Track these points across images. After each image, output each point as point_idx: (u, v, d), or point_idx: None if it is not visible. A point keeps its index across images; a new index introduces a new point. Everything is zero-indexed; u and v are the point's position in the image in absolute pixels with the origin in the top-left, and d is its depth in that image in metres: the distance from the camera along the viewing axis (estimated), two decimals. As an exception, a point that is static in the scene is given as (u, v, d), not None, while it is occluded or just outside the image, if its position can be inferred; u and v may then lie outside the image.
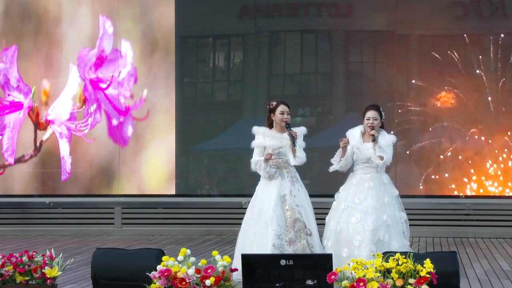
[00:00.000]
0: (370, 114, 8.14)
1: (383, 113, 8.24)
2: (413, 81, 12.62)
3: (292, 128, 8.21)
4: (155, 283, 6.17)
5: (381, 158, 8.02)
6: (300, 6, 12.87)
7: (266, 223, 8.06)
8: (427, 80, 12.60)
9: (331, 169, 8.31)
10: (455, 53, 12.54)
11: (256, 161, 8.25)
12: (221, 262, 6.25)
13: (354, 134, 8.22)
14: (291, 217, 8.06)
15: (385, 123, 12.23)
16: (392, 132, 12.36)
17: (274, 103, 8.29)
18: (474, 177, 12.50)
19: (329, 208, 8.34)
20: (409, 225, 8.26)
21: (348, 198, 8.08)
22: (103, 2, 12.88)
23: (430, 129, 12.58)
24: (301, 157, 8.18)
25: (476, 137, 12.49)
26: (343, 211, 8.04)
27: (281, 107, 8.23)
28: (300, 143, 8.26)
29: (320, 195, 10.55)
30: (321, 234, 8.27)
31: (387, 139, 8.16)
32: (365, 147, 8.08)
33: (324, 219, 8.30)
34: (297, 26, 12.92)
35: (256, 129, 8.32)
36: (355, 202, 8.02)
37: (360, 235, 7.84)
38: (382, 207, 7.98)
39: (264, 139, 8.23)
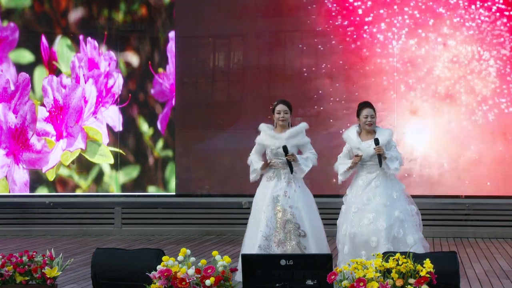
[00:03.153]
0: (367, 112, 8.06)
1: (376, 110, 8.20)
2: (414, 79, 12.63)
3: (293, 127, 8.21)
4: (155, 283, 6.17)
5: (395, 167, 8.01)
6: (300, 6, 12.86)
7: (258, 223, 8.06)
8: (428, 77, 12.60)
9: (340, 181, 8.23)
10: (456, 51, 12.54)
11: (252, 162, 8.27)
12: (221, 262, 6.25)
13: (350, 137, 8.15)
14: (281, 218, 8.02)
15: (387, 122, 12.40)
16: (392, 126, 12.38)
17: (275, 103, 8.29)
18: (475, 177, 12.50)
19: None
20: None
21: (357, 201, 8.01)
22: None
23: (430, 127, 12.59)
24: (307, 170, 8.19)
25: (477, 135, 12.50)
26: (355, 214, 7.96)
27: (278, 107, 8.20)
28: (304, 139, 8.22)
29: (319, 195, 10.54)
30: (328, 235, 8.26)
31: (385, 134, 8.10)
32: (365, 146, 8.04)
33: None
34: (297, 26, 12.91)
35: (261, 126, 8.32)
36: (364, 203, 7.96)
37: (375, 235, 7.80)
38: (392, 203, 7.94)
39: (266, 138, 8.22)
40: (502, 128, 12.46)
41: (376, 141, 7.93)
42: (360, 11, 12.71)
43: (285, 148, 8.01)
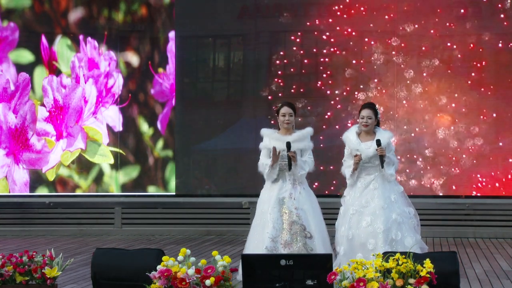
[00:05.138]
0: (365, 113, 8.08)
1: (378, 112, 8.19)
2: (414, 79, 12.64)
3: (298, 130, 8.19)
4: (155, 283, 6.17)
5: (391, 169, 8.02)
6: (300, 6, 12.87)
7: (264, 225, 8.06)
8: (429, 77, 12.61)
9: (349, 184, 8.20)
10: (455, 51, 12.55)
11: (262, 164, 8.24)
12: (221, 262, 6.25)
13: (349, 138, 8.14)
14: (287, 220, 8.03)
15: (388, 121, 12.40)
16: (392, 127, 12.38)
17: (279, 105, 8.28)
18: (476, 176, 12.51)
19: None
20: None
21: (356, 203, 8.02)
22: None
23: (430, 126, 12.59)
24: (303, 174, 8.15)
25: (476, 136, 12.51)
26: (352, 216, 7.96)
27: (283, 109, 8.19)
28: (308, 144, 8.21)
29: (320, 195, 10.55)
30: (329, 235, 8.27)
31: (385, 137, 8.10)
32: (364, 147, 8.04)
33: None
34: (297, 26, 12.92)
35: (263, 131, 8.30)
36: (363, 205, 7.97)
37: (373, 238, 7.80)
38: (389, 206, 7.94)
39: (270, 142, 8.20)
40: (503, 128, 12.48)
41: (378, 142, 7.93)
42: (360, 11, 12.72)
43: (288, 144, 8.02)
